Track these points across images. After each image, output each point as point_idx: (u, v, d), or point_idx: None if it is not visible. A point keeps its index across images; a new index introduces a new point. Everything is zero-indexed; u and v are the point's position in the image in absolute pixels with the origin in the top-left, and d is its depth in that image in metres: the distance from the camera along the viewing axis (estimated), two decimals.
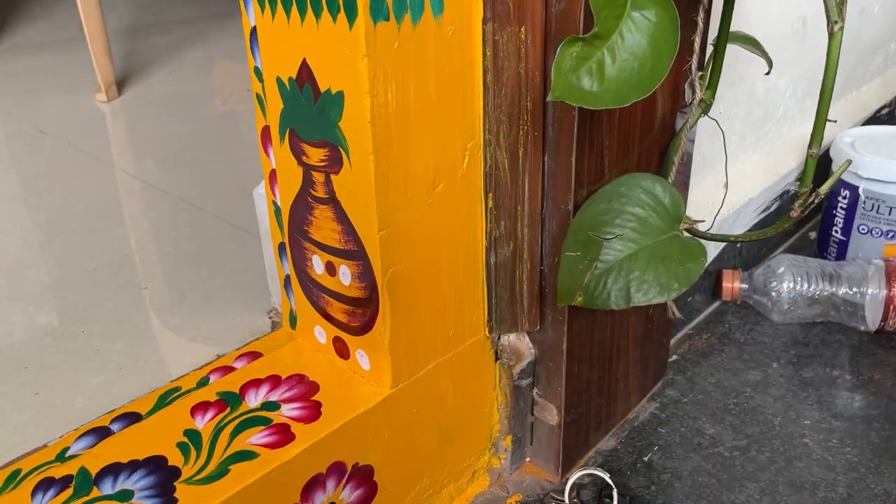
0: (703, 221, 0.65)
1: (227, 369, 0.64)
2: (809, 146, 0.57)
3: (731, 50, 0.63)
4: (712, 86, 0.63)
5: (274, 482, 0.54)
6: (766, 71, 0.67)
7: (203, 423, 0.58)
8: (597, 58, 0.49)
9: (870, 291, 0.89)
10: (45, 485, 0.53)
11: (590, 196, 0.62)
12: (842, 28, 0.52)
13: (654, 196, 0.61)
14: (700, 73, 0.62)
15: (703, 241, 0.63)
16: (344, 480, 0.60)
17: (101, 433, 0.57)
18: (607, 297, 0.59)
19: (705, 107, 0.63)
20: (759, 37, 0.68)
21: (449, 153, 0.58)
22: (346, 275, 0.59)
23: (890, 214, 0.95)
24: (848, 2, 0.52)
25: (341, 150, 0.54)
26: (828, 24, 0.52)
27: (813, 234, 1.13)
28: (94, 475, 0.53)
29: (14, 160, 1.40)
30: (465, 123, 0.58)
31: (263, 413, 0.59)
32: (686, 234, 0.63)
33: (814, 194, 0.59)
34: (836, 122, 0.93)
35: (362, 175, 0.54)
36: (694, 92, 0.62)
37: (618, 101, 0.50)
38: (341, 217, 0.57)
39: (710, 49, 0.64)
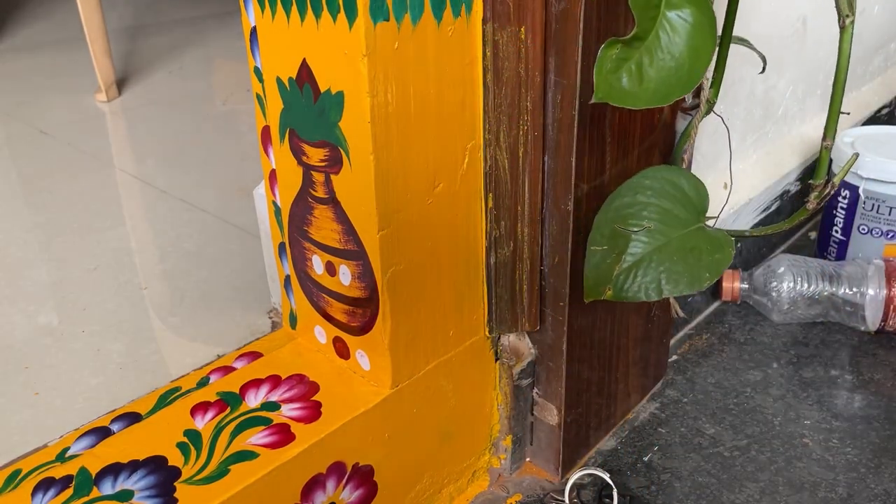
0: (715, 218, 0.65)
1: (228, 369, 0.64)
2: (823, 138, 0.58)
3: (731, 50, 0.63)
4: (715, 85, 0.63)
5: (274, 482, 0.54)
6: (761, 70, 0.67)
7: (203, 423, 0.58)
8: (635, 59, 0.50)
9: (870, 291, 0.89)
10: (45, 485, 0.53)
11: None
12: (853, 22, 0.52)
13: (680, 188, 0.61)
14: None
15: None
16: (344, 480, 0.60)
17: (101, 433, 0.57)
18: (637, 289, 0.59)
19: (709, 106, 0.63)
20: (759, 37, 0.68)
21: (449, 153, 0.58)
22: (346, 275, 0.59)
23: (890, 214, 0.95)
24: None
25: (341, 150, 0.54)
26: (839, 19, 0.52)
27: (813, 234, 1.13)
28: (94, 475, 0.53)
29: (14, 160, 1.40)
30: (465, 123, 0.58)
31: (263, 413, 0.59)
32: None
33: (829, 185, 0.59)
34: (849, 114, 0.93)
35: (362, 175, 0.54)
36: (700, 91, 0.62)
37: (657, 100, 0.51)
38: (341, 217, 0.57)
39: None
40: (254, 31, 0.58)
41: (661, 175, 0.61)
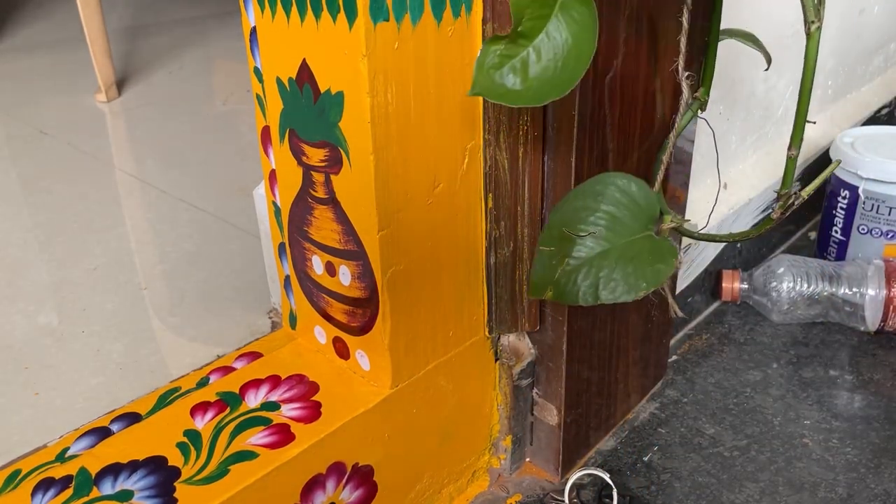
0: (689, 221, 0.65)
1: (227, 369, 0.64)
2: (789, 148, 0.57)
3: (732, 50, 0.63)
4: (706, 83, 0.63)
5: (274, 482, 0.54)
6: (766, 67, 0.67)
7: (203, 424, 0.58)
8: (521, 56, 0.49)
9: (869, 292, 0.89)
10: (45, 485, 0.53)
11: None
12: (819, 28, 0.52)
13: (629, 195, 0.61)
14: (687, 74, 0.61)
15: (701, 241, 0.63)
16: (344, 480, 0.60)
17: (101, 433, 0.57)
18: (576, 292, 0.60)
19: (700, 104, 0.63)
20: (758, 37, 0.68)
21: (449, 153, 0.58)
22: (345, 275, 0.59)
23: (890, 214, 0.95)
24: (830, 3, 0.52)
25: (341, 150, 0.54)
26: (805, 25, 0.52)
27: (813, 234, 1.13)
28: (94, 475, 0.53)
29: (14, 160, 1.40)
30: (465, 123, 0.58)
31: (263, 413, 0.59)
32: (671, 232, 0.63)
33: (794, 196, 0.59)
34: (815, 123, 0.93)
35: (362, 175, 0.54)
36: (682, 92, 0.62)
37: (537, 99, 0.50)
38: (341, 217, 0.57)
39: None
40: (254, 31, 0.58)
41: (611, 181, 0.61)
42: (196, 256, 1.05)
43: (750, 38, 0.67)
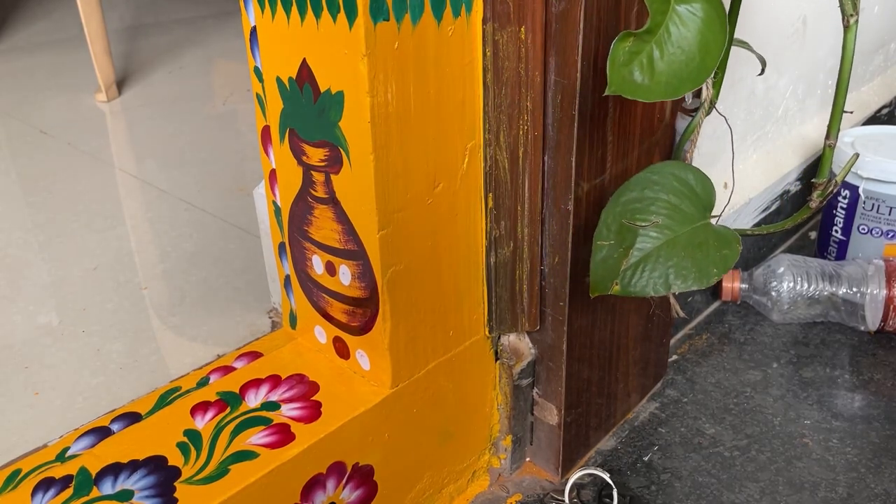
0: (719, 216, 0.65)
1: (227, 369, 0.64)
2: (826, 137, 0.58)
3: (732, 50, 0.63)
4: (716, 86, 0.63)
5: (274, 482, 0.54)
6: (760, 72, 0.67)
7: (203, 423, 0.58)
8: (646, 52, 0.50)
9: (870, 291, 0.89)
10: (45, 485, 0.53)
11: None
12: (857, 21, 0.52)
13: (687, 184, 0.61)
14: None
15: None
16: (344, 480, 0.60)
17: (101, 433, 0.57)
18: (645, 284, 0.59)
19: (710, 106, 0.63)
20: (759, 37, 0.68)
21: (449, 153, 0.58)
22: (346, 275, 0.59)
23: (890, 214, 0.95)
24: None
25: (341, 149, 0.54)
26: (843, 18, 0.52)
27: (813, 234, 1.13)
28: (94, 475, 0.53)
29: (14, 160, 1.40)
30: (465, 123, 0.58)
31: (263, 413, 0.59)
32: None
33: (832, 184, 0.59)
34: (852, 112, 0.93)
35: (362, 175, 0.54)
36: (700, 91, 0.62)
37: (669, 93, 0.51)
38: (341, 217, 0.57)
39: None
40: (254, 31, 0.58)
41: (668, 170, 0.60)
42: (196, 256, 1.05)
43: (741, 44, 0.67)
